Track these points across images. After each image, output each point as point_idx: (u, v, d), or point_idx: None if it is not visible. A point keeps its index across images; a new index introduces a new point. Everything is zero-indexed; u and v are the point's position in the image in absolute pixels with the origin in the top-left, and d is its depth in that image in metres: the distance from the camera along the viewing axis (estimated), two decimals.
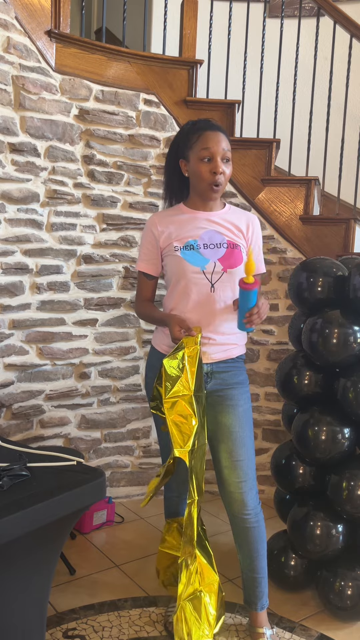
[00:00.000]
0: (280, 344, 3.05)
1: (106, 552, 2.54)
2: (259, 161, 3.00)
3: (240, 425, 1.88)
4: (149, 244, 1.95)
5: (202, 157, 1.83)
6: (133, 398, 2.97)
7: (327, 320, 2.12)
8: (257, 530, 1.90)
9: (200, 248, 1.88)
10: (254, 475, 1.89)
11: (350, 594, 2.09)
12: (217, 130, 1.86)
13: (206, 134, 1.84)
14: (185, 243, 1.88)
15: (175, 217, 1.93)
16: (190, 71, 2.93)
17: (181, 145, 1.90)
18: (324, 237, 2.98)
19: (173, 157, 1.95)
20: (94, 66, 2.71)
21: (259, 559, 1.93)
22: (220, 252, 1.88)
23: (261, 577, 1.96)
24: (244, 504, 1.86)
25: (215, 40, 3.22)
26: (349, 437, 2.14)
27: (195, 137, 1.85)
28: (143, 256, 1.98)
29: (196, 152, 1.84)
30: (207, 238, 1.89)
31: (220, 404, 1.89)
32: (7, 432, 2.59)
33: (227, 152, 1.85)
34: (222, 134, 1.86)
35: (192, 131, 1.87)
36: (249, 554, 1.92)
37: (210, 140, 1.83)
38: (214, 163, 1.83)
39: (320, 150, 3.25)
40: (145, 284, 2.01)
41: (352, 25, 3.03)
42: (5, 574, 1.37)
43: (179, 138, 1.93)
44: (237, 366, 1.95)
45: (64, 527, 1.48)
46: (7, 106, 2.45)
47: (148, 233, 1.95)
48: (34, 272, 2.62)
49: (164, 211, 1.99)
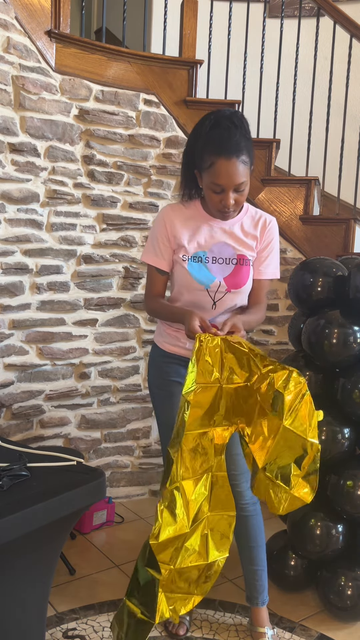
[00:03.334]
0: (280, 344, 3.05)
1: (106, 552, 2.54)
2: (259, 161, 3.00)
3: None
4: (164, 238, 1.85)
5: (212, 189, 1.71)
6: (133, 398, 2.97)
7: (327, 320, 2.12)
8: (255, 519, 1.95)
9: (208, 262, 1.84)
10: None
11: (350, 594, 2.09)
12: (232, 157, 1.66)
13: (219, 164, 1.66)
14: (194, 254, 1.83)
15: (190, 217, 1.85)
16: (190, 71, 2.93)
17: (197, 155, 1.74)
18: (324, 237, 2.98)
19: (190, 157, 1.80)
20: (94, 66, 2.71)
21: (257, 550, 1.97)
22: (228, 269, 1.85)
23: (261, 569, 1.99)
24: (242, 494, 1.90)
25: (215, 40, 3.22)
26: (349, 437, 2.14)
27: (208, 162, 1.69)
28: (157, 250, 1.86)
29: (207, 180, 1.72)
30: (217, 251, 1.84)
31: None
32: (7, 432, 2.59)
33: (241, 184, 1.69)
34: (237, 161, 1.66)
35: (207, 148, 1.69)
36: (248, 544, 1.96)
37: (223, 175, 1.67)
38: (224, 195, 1.71)
39: (320, 150, 3.25)
40: (157, 279, 1.90)
41: (352, 25, 3.04)
42: (5, 573, 1.37)
43: (195, 143, 1.75)
44: None
45: (64, 527, 1.48)
46: (7, 106, 2.45)
47: (161, 228, 1.85)
48: (34, 272, 2.62)
49: (178, 204, 1.88)
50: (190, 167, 1.80)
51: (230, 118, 1.70)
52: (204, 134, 1.70)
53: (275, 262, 1.92)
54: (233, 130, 1.67)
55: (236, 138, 1.67)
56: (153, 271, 1.90)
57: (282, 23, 3.14)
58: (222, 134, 1.67)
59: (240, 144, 1.67)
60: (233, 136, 1.67)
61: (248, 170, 1.71)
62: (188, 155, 1.81)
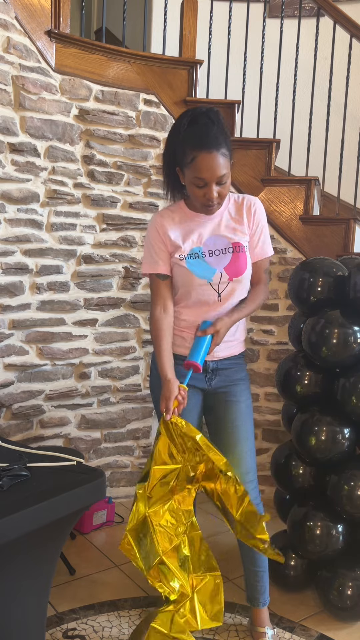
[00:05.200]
0: (280, 344, 3.05)
1: (106, 552, 2.54)
2: (259, 161, 3.00)
3: (242, 420, 1.93)
4: (160, 242, 1.88)
5: (195, 183, 1.74)
6: (133, 398, 2.97)
7: (327, 320, 2.12)
8: None
9: (205, 256, 1.86)
10: (255, 468, 1.95)
11: (350, 594, 2.09)
12: (212, 150, 1.69)
13: (200, 158, 1.69)
14: (190, 251, 1.86)
15: (178, 219, 1.89)
16: (190, 71, 2.93)
17: (177, 152, 1.77)
18: (324, 237, 2.98)
19: (170, 156, 1.83)
20: (94, 66, 2.71)
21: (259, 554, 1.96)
22: (226, 259, 1.87)
23: (262, 570, 1.99)
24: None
25: (215, 40, 3.22)
26: (349, 437, 2.14)
27: (189, 157, 1.71)
28: (154, 257, 1.89)
29: (189, 175, 1.74)
30: (211, 244, 1.87)
31: (223, 399, 1.95)
32: (7, 432, 2.59)
33: (222, 176, 1.72)
34: (218, 154, 1.70)
35: (188, 144, 1.72)
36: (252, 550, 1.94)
37: (204, 169, 1.70)
38: (207, 189, 1.74)
39: (320, 150, 3.25)
40: (160, 285, 1.90)
41: (352, 25, 3.03)
42: (5, 574, 1.37)
43: (174, 141, 1.79)
44: (239, 363, 1.99)
45: (64, 527, 1.48)
46: (7, 106, 2.45)
47: (154, 234, 1.89)
48: (34, 272, 2.62)
49: (166, 211, 1.93)
50: (172, 166, 1.83)
51: (207, 114, 1.74)
52: (183, 131, 1.75)
53: (267, 240, 1.96)
54: (210, 125, 1.72)
55: (214, 132, 1.71)
56: (154, 279, 1.92)
57: (282, 23, 3.14)
58: (200, 129, 1.72)
59: (218, 137, 1.72)
60: (211, 131, 1.71)
61: (228, 163, 1.75)
62: (168, 154, 1.84)
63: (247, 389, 1.99)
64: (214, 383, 1.94)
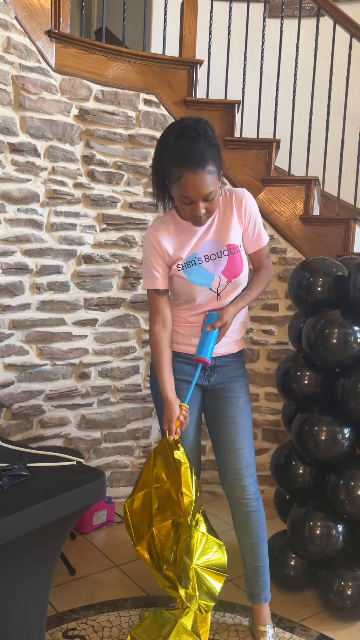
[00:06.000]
0: (280, 344, 3.05)
1: (106, 552, 2.54)
2: (259, 161, 3.00)
3: (241, 416, 1.96)
4: (157, 257, 1.88)
5: (182, 201, 1.73)
6: (133, 398, 2.97)
7: (327, 320, 2.12)
8: (258, 515, 1.96)
9: (202, 262, 1.87)
10: (254, 462, 1.97)
11: (350, 594, 2.09)
12: (198, 170, 1.66)
13: (186, 178, 1.67)
14: (187, 259, 1.87)
15: (173, 231, 1.89)
16: (190, 71, 2.93)
17: (164, 167, 1.75)
18: (324, 237, 2.98)
19: (158, 169, 1.81)
20: (94, 66, 2.71)
21: (260, 546, 1.97)
22: (223, 262, 1.88)
23: (263, 566, 1.99)
24: (245, 489, 1.93)
25: (215, 40, 3.22)
26: (349, 437, 2.14)
27: (176, 176, 1.69)
28: (153, 272, 1.89)
29: (176, 192, 1.73)
30: (206, 249, 1.88)
31: (222, 395, 1.98)
32: (7, 432, 2.59)
33: (209, 194, 1.71)
34: (204, 173, 1.66)
35: (174, 160, 1.69)
36: (250, 540, 1.97)
37: (190, 188, 1.68)
38: (194, 206, 1.73)
39: (320, 150, 3.25)
40: (159, 301, 1.91)
41: (352, 25, 3.03)
42: (5, 574, 1.37)
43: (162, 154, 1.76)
44: (238, 360, 2.02)
45: (64, 527, 1.48)
46: (7, 106, 2.45)
47: (151, 249, 1.88)
48: (34, 272, 2.62)
49: (158, 223, 1.91)
50: (161, 178, 1.82)
51: (194, 127, 1.70)
52: (170, 145, 1.72)
53: (262, 228, 1.95)
54: (197, 139, 1.68)
55: (201, 148, 1.67)
56: (152, 294, 1.93)
57: (282, 23, 3.14)
58: (186, 145, 1.68)
59: (205, 154, 1.67)
60: (197, 146, 1.67)
61: (216, 179, 1.72)
62: (157, 166, 1.82)
63: (246, 385, 2.02)
64: (213, 380, 1.97)
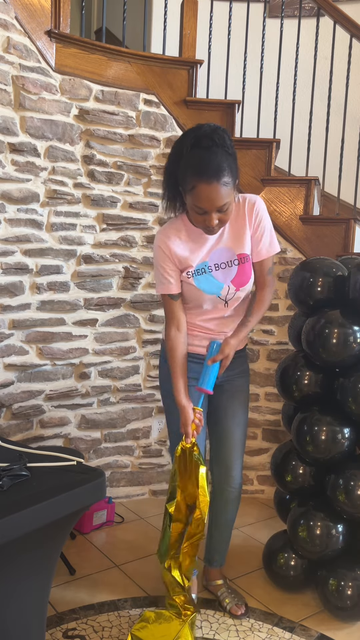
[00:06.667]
0: (280, 344, 3.05)
1: (106, 552, 2.54)
2: (259, 161, 3.00)
3: (242, 410, 2.11)
4: (169, 262, 1.87)
5: (196, 210, 1.72)
6: (133, 398, 2.97)
7: (327, 320, 2.12)
8: (239, 500, 2.17)
9: (212, 270, 1.88)
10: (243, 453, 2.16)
11: (350, 594, 2.09)
12: (212, 181, 1.64)
13: (200, 189, 1.65)
14: (197, 266, 1.88)
15: (183, 236, 1.88)
16: (190, 71, 2.93)
17: (178, 175, 1.74)
18: (324, 237, 2.98)
19: (172, 175, 1.79)
20: (94, 66, 2.71)
21: (232, 523, 2.21)
22: (232, 271, 1.89)
23: (229, 536, 2.25)
24: (234, 479, 2.11)
25: (215, 40, 3.22)
26: (349, 437, 2.14)
27: (190, 185, 1.68)
28: (166, 277, 1.89)
29: (190, 201, 1.72)
30: (216, 257, 1.88)
31: (227, 389, 2.08)
32: (7, 432, 2.59)
33: (223, 205, 1.69)
34: (219, 185, 1.64)
35: (189, 170, 1.67)
36: (227, 523, 2.19)
37: (204, 199, 1.67)
38: (207, 217, 1.72)
39: (320, 150, 3.25)
40: (174, 305, 1.93)
41: (352, 25, 3.03)
42: (5, 574, 1.37)
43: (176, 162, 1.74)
44: (243, 355, 2.12)
45: (64, 527, 1.48)
46: (7, 106, 2.45)
47: (162, 255, 1.87)
48: (34, 272, 2.62)
49: (169, 229, 1.89)
50: (174, 184, 1.80)
51: (211, 136, 1.67)
52: (185, 154, 1.69)
53: (270, 239, 1.94)
54: (214, 149, 1.65)
55: (217, 159, 1.64)
56: (167, 299, 1.94)
57: (282, 23, 3.14)
58: (202, 155, 1.65)
59: (221, 165, 1.65)
60: (214, 157, 1.64)
61: (231, 190, 1.70)
62: (170, 172, 1.80)
63: (248, 381, 2.15)
64: (221, 376, 2.02)
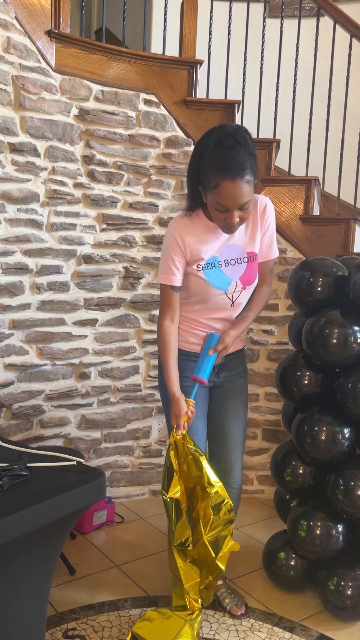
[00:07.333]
0: (280, 344, 3.05)
1: (106, 552, 2.54)
2: (259, 161, 2.96)
3: (242, 410, 2.13)
4: (179, 253, 1.88)
5: (217, 208, 1.73)
6: (133, 398, 2.97)
7: (327, 320, 2.12)
8: (239, 497, 2.16)
9: (222, 266, 1.90)
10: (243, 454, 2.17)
11: (350, 594, 2.09)
12: (236, 179, 1.66)
13: (223, 186, 1.67)
14: (207, 260, 1.89)
15: (199, 231, 1.89)
16: (190, 71, 2.93)
17: (201, 173, 1.75)
18: (324, 237, 2.98)
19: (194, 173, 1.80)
20: (94, 66, 2.71)
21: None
22: (241, 268, 1.92)
23: None
24: (234, 479, 2.11)
25: (215, 40, 3.22)
26: (349, 437, 2.14)
27: (212, 183, 1.69)
28: (172, 267, 1.89)
29: (211, 199, 1.73)
30: (226, 253, 1.91)
31: (228, 389, 2.11)
32: (7, 432, 2.59)
33: (245, 203, 1.71)
34: (242, 182, 1.66)
35: (212, 168, 1.69)
36: None
37: (227, 197, 1.68)
38: (229, 214, 1.73)
39: (320, 150, 3.25)
40: (173, 297, 1.93)
41: (352, 25, 3.03)
42: (5, 574, 1.37)
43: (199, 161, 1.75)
44: (241, 355, 2.16)
45: (64, 527, 1.48)
46: (7, 106, 2.45)
47: (174, 243, 1.87)
48: (34, 272, 2.62)
49: (185, 220, 1.90)
50: (196, 183, 1.81)
51: (234, 136, 1.69)
52: (208, 153, 1.71)
53: (274, 242, 2.02)
54: (237, 148, 1.67)
55: (240, 158, 1.67)
56: (167, 289, 1.94)
57: (282, 23, 3.14)
58: (226, 153, 1.67)
59: (244, 163, 1.67)
60: (237, 156, 1.67)
61: (252, 188, 1.73)
62: (192, 171, 1.82)
63: (246, 381, 2.18)
64: (222, 376, 2.07)
